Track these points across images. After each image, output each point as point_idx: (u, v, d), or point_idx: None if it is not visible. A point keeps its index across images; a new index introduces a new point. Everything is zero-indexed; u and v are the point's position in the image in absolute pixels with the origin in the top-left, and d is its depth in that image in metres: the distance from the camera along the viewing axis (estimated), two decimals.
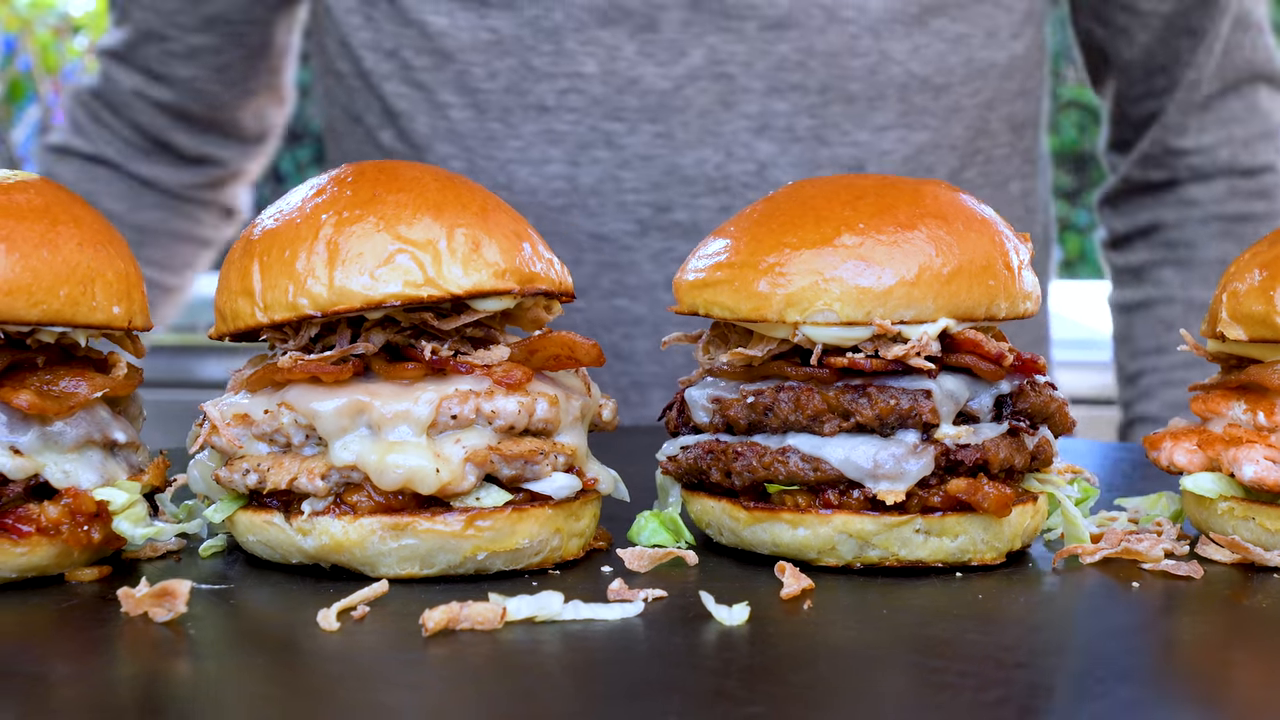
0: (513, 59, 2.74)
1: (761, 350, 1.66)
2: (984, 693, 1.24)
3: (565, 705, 1.23)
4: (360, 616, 1.44)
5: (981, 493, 1.60)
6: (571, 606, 1.45)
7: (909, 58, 2.75)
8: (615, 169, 2.75)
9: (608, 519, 1.77)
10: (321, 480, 1.56)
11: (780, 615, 1.47)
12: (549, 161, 2.76)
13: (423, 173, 1.66)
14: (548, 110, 2.75)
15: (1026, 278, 1.68)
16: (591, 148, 2.75)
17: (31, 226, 1.54)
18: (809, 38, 2.71)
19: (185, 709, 1.22)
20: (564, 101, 2.74)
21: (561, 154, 2.76)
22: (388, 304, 1.56)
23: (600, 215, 2.76)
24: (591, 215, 2.76)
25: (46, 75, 8.50)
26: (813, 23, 2.71)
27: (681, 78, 2.71)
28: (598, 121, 2.74)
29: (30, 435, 1.55)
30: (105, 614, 1.46)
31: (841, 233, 1.62)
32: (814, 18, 2.70)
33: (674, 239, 2.77)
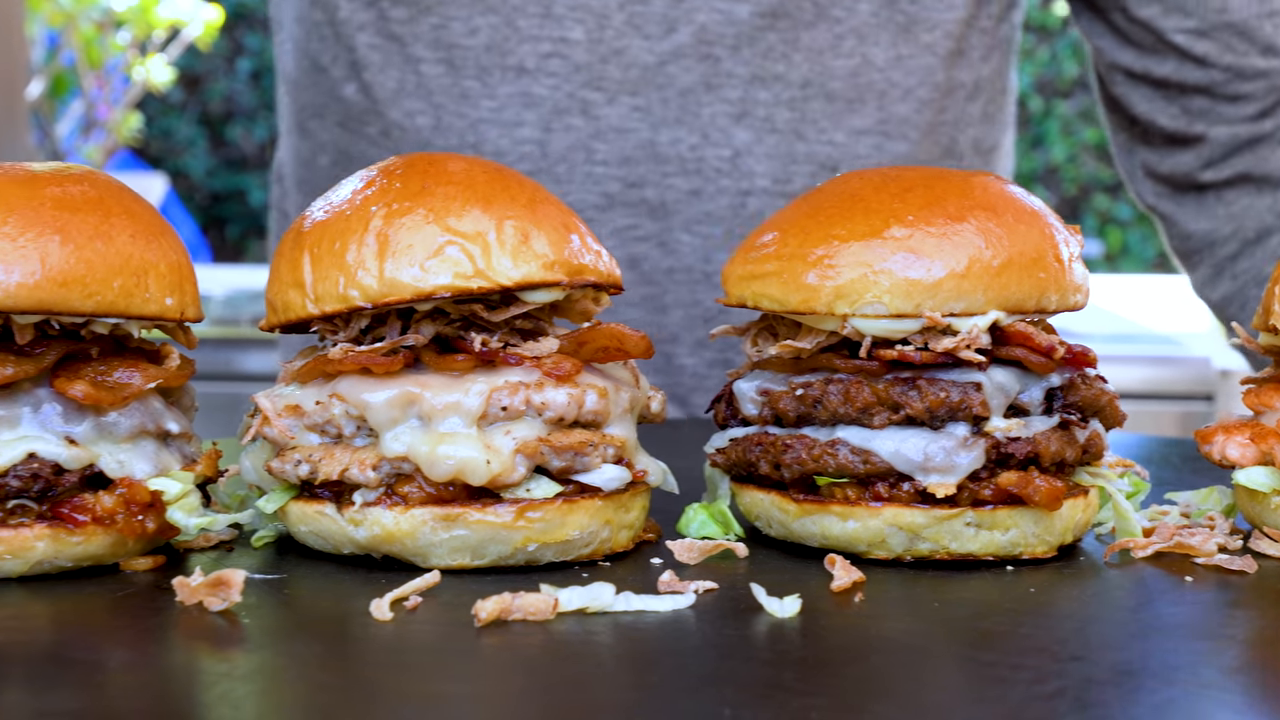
0: (496, 17, 2.71)
1: (810, 342, 1.66)
2: (1039, 686, 1.24)
3: (621, 696, 1.24)
4: (413, 607, 1.44)
5: (1033, 486, 1.60)
6: (623, 598, 1.45)
7: (890, 66, 2.74)
8: (588, 139, 2.72)
9: (656, 511, 1.77)
10: (373, 471, 1.57)
11: (831, 608, 1.47)
12: (521, 125, 2.73)
13: (471, 165, 1.67)
14: (526, 72, 2.71)
15: (1077, 270, 1.67)
16: (567, 114, 2.72)
17: (85, 218, 1.55)
18: (797, 30, 2.70)
19: (241, 697, 1.22)
20: (545, 65, 2.71)
21: (535, 118, 2.72)
22: (437, 295, 1.56)
23: (567, 184, 2.73)
24: (558, 183, 2.73)
25: (89, 70, 8.55)
26: (803, 15, 2.69)
27: (667, 54, 2.69)
28: (576, 89, 2.71)
29: (85, 426, 1.57)
30: (160, 602, 1.47)
31: (891, 225, 1.62)
32: (805, 11, 2.69)
33: (640, 216, 2.74)
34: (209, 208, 13.25)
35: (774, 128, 2.72)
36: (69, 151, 8.58)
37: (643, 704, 1.21)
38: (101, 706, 1.20)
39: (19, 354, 1.54)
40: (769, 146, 2.72)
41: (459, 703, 1.21)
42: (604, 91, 2.70)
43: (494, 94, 2.72)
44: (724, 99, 2.71)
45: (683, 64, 2.69)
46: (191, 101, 13.09)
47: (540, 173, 2.73)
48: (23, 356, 1.54)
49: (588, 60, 2.70)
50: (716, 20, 2.68)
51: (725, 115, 2.71)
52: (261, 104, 13.18)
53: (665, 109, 2.71)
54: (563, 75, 2.70)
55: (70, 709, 1.18)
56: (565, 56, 2.70)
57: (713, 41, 2.69)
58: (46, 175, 1.58)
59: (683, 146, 2.72)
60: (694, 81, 2.70)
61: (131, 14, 8.42)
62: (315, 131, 2.92)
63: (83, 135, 8.67)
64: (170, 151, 13.05)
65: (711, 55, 2.69)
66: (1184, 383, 5.01)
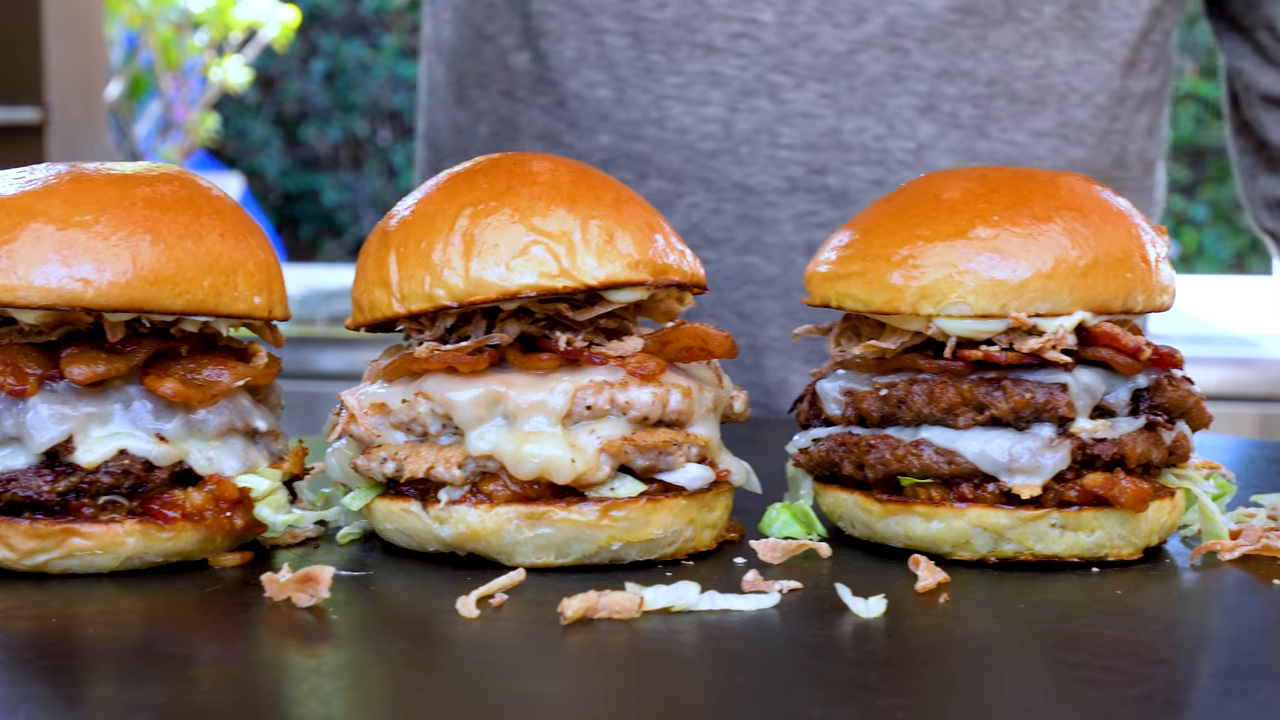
0: None
1: (894, 343, 1.65)
2: (1128, 689, 1.23)
3: (708, 695, 1.24)
4: (498, 605, 1.45)
5: (1119, 487, 1.59)
6: (708, 597, 1.45)
7: (1070, 70, 2.72)
8: (774, 122, 2.69)
9: (738, 511, 1.77)
10: (458, 469, 1.58)
11: (916, 608, 1.46)
12: (707, 103, 2.69)
13: (557, 164, 1.67)
14: (715, 51, 2.67)
15: (1164, 270, 1.66)
16: (754, 96, 2.68)
17: (176, 218, 1.56)
18: (986, 28, 2.68)
19: (330, 693, 1.24)
20: (733, 45, 2.66)
21: (722, 98, 2.68)
22: (523, 295, 1.57)
23: (750, 166, 2.70)
24: (741, 164, 2.70)
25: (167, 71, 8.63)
26: (993, 13, 2.67)
27: (857, 43, 2.66)
28: (764, 71, 2.67)
29: (175, 423, 1.58)
30: (248, 598, 1.49)
31: (976, 225, 1.61)
32: (995, 9, 2.67)
33: (821, 203, 2.72)
34: (282, 207, 13.35)
35: (958, 123, 2.70)
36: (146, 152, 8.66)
37: (730, 703, 1.21)
38: (191, 701, 1.21)
39: (110, 352, 1.56)
40: (952, 141, 2.71)
41: (546, 701, 1.22)
42: (792, 76, 2.67)
43: (680, 70, 2.69)
44: (911, 91, 2.68)
45: (872, 54, 2.67)
46: (266, 102, 13.19)
47: (723, 153, 2.69)
48: (114, 354, 1.56)
49: (777, 43, 2.66)
50: (908, 13, 2.66)
51: (911, 108, 2.69)
52: (335, 104, 13.26)
53: (852, 97, 2.68)
54: (751, 56, 2.66)
55: (160, 703, 1.19)
56: (755, 38, 2.66)
57: (903, 34, 2.66)
58: (138, 175, 1.60)
59: (867, 136, 2.69)
60: (882, 72, 2.67)
61: (209, 15, 8.50)
62: (476, 100, 2.88)
63: (160, 136, 8.75)
64: (245, 152, 13.15)
65: (901, 47, 2.67)
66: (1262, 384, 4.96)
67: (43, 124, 6.02)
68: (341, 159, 13.56)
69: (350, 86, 13.34)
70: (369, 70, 13.33)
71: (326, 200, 13.40)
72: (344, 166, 13.54)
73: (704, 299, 2.68)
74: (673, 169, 2.71)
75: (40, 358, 1.56)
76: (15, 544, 1.53)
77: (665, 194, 2.71)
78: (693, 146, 2.69)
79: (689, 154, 2.69)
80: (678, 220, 2.71)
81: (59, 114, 6.11)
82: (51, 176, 1.57)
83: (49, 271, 1.50)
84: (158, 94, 8.79)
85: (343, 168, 13.53)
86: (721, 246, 2.73)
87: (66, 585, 1.53)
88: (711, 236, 2.71)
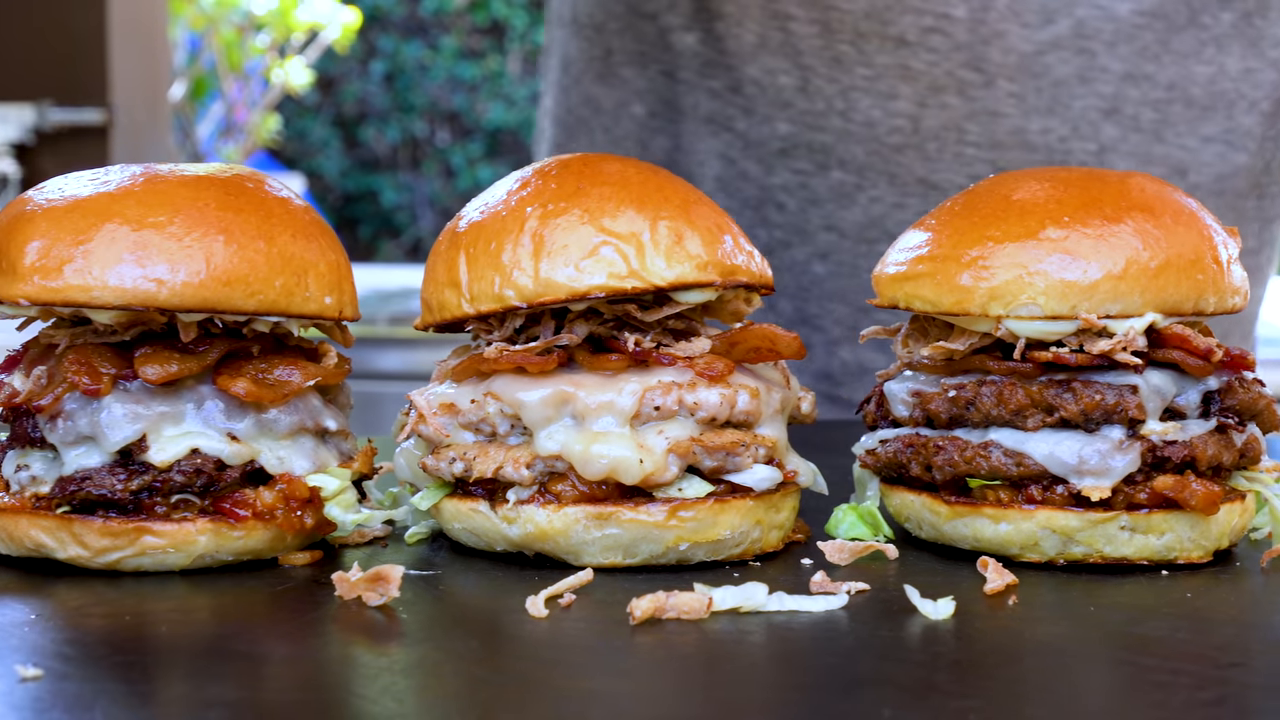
0: None
1: (963, 344, 1.65)
2: (1199, 692, 1.23)
3: (778, 695, 1.24)
4: (567, 604, 1.46)
5: (1189, 490, 1.58)
6: (776, 598, 1.45)
7: (1240, 77, 2.70)
8: (961, 119, 2.67)
9: (805, 512, 1.77)
10: (526, 469, 1.58)
11: (985, 610, 1.46)
12: (896, 97, 2.67)
13: (625, 165, 1.68)
14: (906, 45, 2.64)
15: (1235, 272, 1.65)
16: (943, 92, 2.66)
17: (248, 219, 1.58)
18: (1169, 33, 2.66)
19: (402, 691, 1.24)
20: (925, 40, 2.64)
21: (911, 92, 2.66)
22: (592, 295, 1.58)
23: (936, 163, 2.68)
24: (927, 160, 2.68)
25: (230, 73, 8.69)
26: (1178, 18, 2.66)
27: (1045, 43, 2.64)
28: (955, 68, 2.65)
29: (246, 422, 1.60)
30: (319, 597, 1.50)
31: (1046, 226, 1.61)
32: (1179, 14, 2.66)
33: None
34: (341, 208, 13.41)
35: (1138, 127, 2.69)
36: (208, 153, 8.73)
37: (801, 703, 1.21)
38: (262, 698, 1.22)
39: (183, 352, 1.58)
40: (1131, 145, 2.69)
41: (616, 700, 1.22)
42: (982, 73, 2.65)
43: (870, 63, 2.66)
44: (1096, 93, 2.67)
45: (1059, 55, 2.65)
46: (326, 103, 13.25)
47: (910, 148, 2.68)
48: (187, 354, 1.57)
49: (969, 40, 2.64)
50: (1095, 15, 2.64)
51: (1096, 110, 2.67)
52: (394, 105, 13.31)
53: (1039, 98, 2.66)
54: (942, 52, 2.64)
55: (231, 700, 1.20)
56: (947, 34, 2.64)
57: (1090, 36, 2.65)
58: (211, 176, 1.61)
59: (1052, 137, 2.68)
60: (1069, 73, 2.66)
61: (271, 17, 8.55)
62: (630, 79, 2.85)
63: (222, 137, 8.82)
64: (305, 152, 13.23)
65: (1087, 49, 2.65)
66: None
67: (107, 125, 6.08)
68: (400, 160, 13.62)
69: (409, 88, 13.39)
70: (428, 71, 13.38)
71: (385, 201, 13.46)
72: (403, 167, 13.60)
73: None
74: (856, 161, 2.69)
75: (114, 357, 1.57)
76: (89, 542, 1.55)
77: (846, 186, 2.69)
78: (879, 140, 2.67)
79: (874, 147, 2.67)
80: (856, 214, 2.69)
81: (123, 116, 6.17)
82: (126, 178, 1.59)
83: (124, 272, 1.52)
84: (220, 95, 8.86)
85: (401, 168, 13.59)
86: None
87: (139, 583, 1.54)
88: (891, 231, 2.69)
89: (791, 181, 2.71)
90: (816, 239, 2.73)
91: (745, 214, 2.76)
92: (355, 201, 13.46)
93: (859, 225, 2.68)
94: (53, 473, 1.58)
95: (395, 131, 13.39)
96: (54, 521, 1.55)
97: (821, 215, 2.70)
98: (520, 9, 13.26)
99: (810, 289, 2.76)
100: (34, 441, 1.60)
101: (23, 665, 1.24)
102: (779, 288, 2.74)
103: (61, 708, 1.17)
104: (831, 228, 2.70)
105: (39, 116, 5.95)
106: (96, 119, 6.03)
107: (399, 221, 13.50)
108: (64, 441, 1.57)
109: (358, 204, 13.46)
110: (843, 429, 2.14)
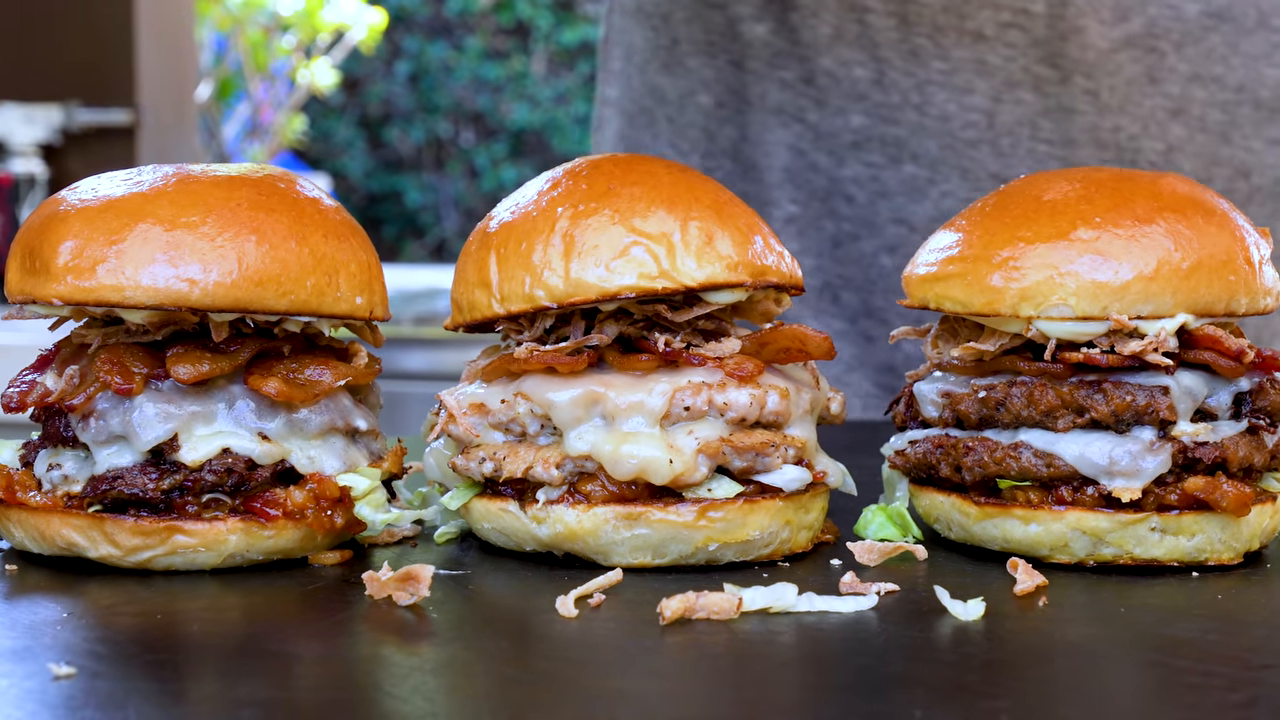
0: None
1: (993, 345, 1.65)
2: (1231, 693, 1.22)
3: (809, 695, 1.24)
4: (596, 604, 1.46)
5: (1220, 491, 1.57)
6: (806, 598, 1.45)
7: None
8: (1036, 115, 2.66)
9: (834, 512, 1.77)
10: (556, 469, 1.59)
11: (1015, 611, 1.46)
12: (971, 92, 2.66)
13: (656, 165, 1.68)
14: (984, 39, 2.63)
15: (1267, 273, 1.64)
16: (1019, 88, 2.65)
17: (280, 219, 1.58)
18: (1238, 35, 2.65)
19: (432, 690, 1.25)
20: (1003, 35, 2.63)
21: (987, 87, 2.65)
22: (622, 296, 1.58)
23: (1009, 158, 2.67)
24: (1000, 156, 2.67)
25: (256, 73, 8.71)
26: (1246, 21, 2.65)
27: (1119, 41, 2.62)
28: (1031, 63, 2.63)
29: (277, 422, 1.60)
30: (349, 596, 1.50)
31: (1077, 226, 1.60)
32: (1248, 16, 2.65)
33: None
34: (366, 208, 13.43)
35: (1205, 127, 2.68)
36: (234, 153, 8.75)
37: (831, 703, 1.21)
38: (292, 697, 1.22)
39: (215, 351, 1.58)
40: (1198, 145, 2.68)
41: (646, 700, 1.22)
42: (1059, 70, 2.63)
43: (947, 56, 2.65)
44: (1164, 93, 2.66)
45: (1131, 53, 2.64)
46: (351, 104, 13.28)
47: (984, 143, 2.67)
48: (218, 354, 1.58)
49: (1047, 35, 2.62)
50: (1166, 15, 2.63)
51: (1164, 110, 2.66)
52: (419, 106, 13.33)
53: (1111, 96, 2.65)
54: (1020, 48, 2.63)
55: (262, 699, 1.20)
56: (1025, 29, 2.63)
57: (1160, 35, 2.64)
58: (243, 177, 1.62)
59: (1121, 135, 2.67)
60: (1139, 72, 2.65)
61: (297, 18, 8.57)
62: (697, 68, 2.83)
63: (248, 138, 8.83)
64: (329, 153, 13.25)
65: (1157, 49, 2.64)
66: None
67: (134, 126, 6.09)
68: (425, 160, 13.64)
69: (434, 88, 13.41)
70: (453, 72, 13.39)
71: (410, 201, 13.47)
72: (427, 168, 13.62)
73: None
74: (929, 155, 2.68)
75: (146, 357, 1.58)
76: (120, 541, 1.55)
77: (918, 180, 2.69)
78: (953, 134, 2.66)
79: (948, 141, 2.66)
80: (927, 207, 2.69)
81: (150, 116, 6.18)
82: (159, 178, 1.60)
83: (156, 272, 1.52)
84: (246, 96, 8.88)
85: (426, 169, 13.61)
86: None
87: (170, 582, 1.55)
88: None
89: (863, 174, 2.70)
90: (885, 232, 2.73)
91: (813, 205, 2.75)
92: (379, 202, 13.48)
93: (929, 219, 2.68)
94: (84, 472, 1.59)
95: (420, 132, 13.39)
96: (86, 520, 1.56)
97: (891, 208, 2.70)
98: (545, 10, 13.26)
99: (877, 282, 2.76)
100: (66, 441, 1.60)
101: (55, 664, 1.24)
102: (845, 279, 2.74)
103: (94, 706, 1.18)
104: (901, 221, 2.69)
105: (66, 117, 5.97)
106: (123, 119, 6.04)
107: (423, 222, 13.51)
108: (96, 441, 1.58)
109: (382, 204, 13.48)
110: (873, 430, 2.13)
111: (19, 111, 5.84)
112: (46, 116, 5.94)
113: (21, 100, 5.91)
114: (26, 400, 1.61)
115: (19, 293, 1.58)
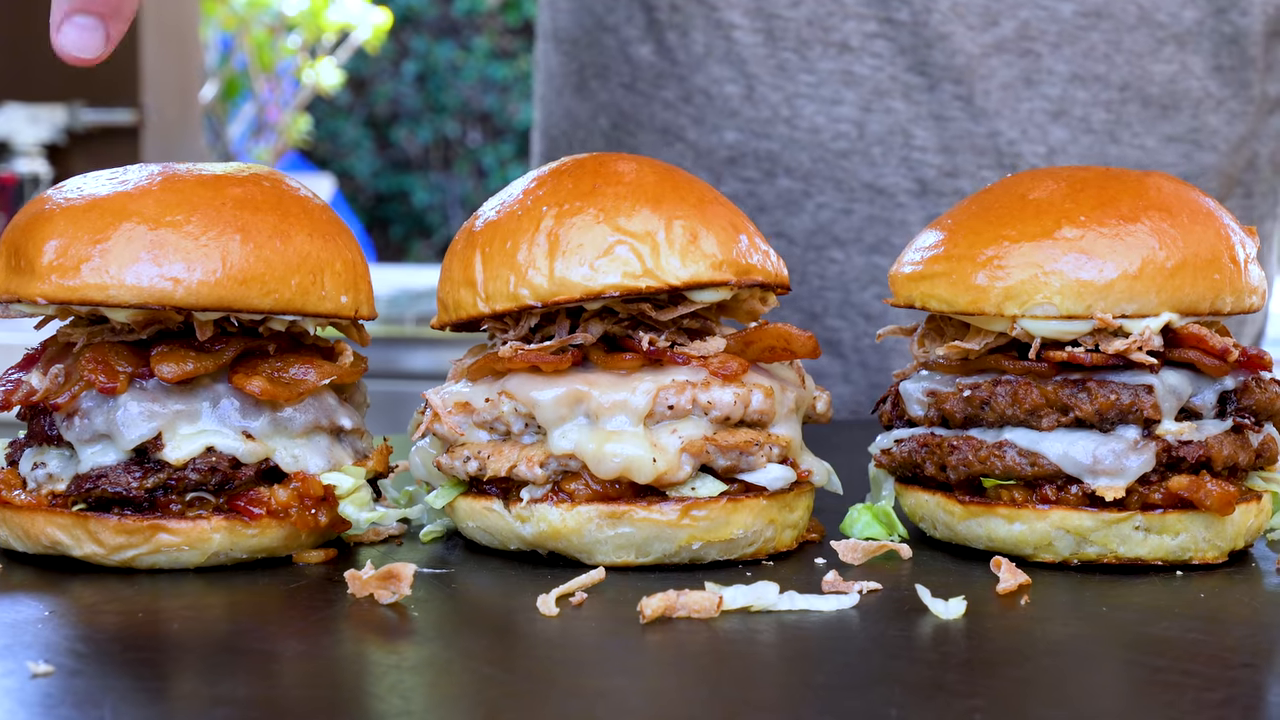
0: None
1: (979, 343, 1.65)
2: (1208, 692, 1.22)
3: (786, 694, 1.24)
4: (578, 603, 1.46)
5: (1204, 490, 1.57)
6: (787, 597, 1.45)
7: (1208, 75, 2.69)
8: (907, 123, 2.67)
9: (819, 511, 1.77)
10: (540, 468, 1.59)
11: (997, 610, 1.46)
12: (840, 103, 2.67)
13: (641, 165, 1.68)
14: (850, 50, 2.64)
15: (1253, 271, 1.64)
16: (887, 97, 2.66)
17: (265, 218, 1.58)
18: (1119, 33, 2.65)
19: (411, 689, 1.25)
20: (869, 45, 2.64)
21: (855, 98, 2.66)
22: (607, 294, 1.58)
23: (882, 167, 2.68)
24: (873, 165, 2.68)
25: (261, 73, 8.72)
26: (1127, 18, 2.65)
27: (989, 46, 2.63)
28: (899, 72, 2.64)
29: (262, 420, 1.60)
30: (332, 594, 1.50)
31: (1062, 225, 1.61)
32: (1129, 13, 2.64)
33: (953, 205, 2.69)
34: (373, 208, 13.45)
35: (1090, 128, 2.68)
36: (239, 153, 8.76)
37: (808, 702, 1.21)
38: (273, 695, 1.22)
39: (199, 350, 1.58)
40: (1083, 147, 2.68)
41: (625, 698, 1.22)
42: (927, 77, 2.65)
43: (813, 69, 2.66)
44: (1043, 95, 2.66)
45: (1004, 57, 2.64)
46: (358, 104, 13.29)
47: (855, 153, 2.68)
48: (203, 353, 1.58)
49: (912, 44, 2.64)
50: (1040, 16, 2.63)
51: (1043, 112, 2.67)
52: (426, 106, 13.35)
53: (986, 100, 2.66)
54: (886, 57, 2.64)
55: (244, 697, 1.20)
56: (891, 38, 2.64)
57: (1034, 37, 2.64)
58: (228, 175, 1.62)
59: (1000, 140, 2.67)
60: (1014, 76, 2.65)
61: (302, 18, 8.58)
62: (596, 92, 2.87)
63: (253, 137, 8.85)
64: (336, 153, 13.27)
65: (1033, 51, 2.64)
66: None
67: (139, 125, 6.11)
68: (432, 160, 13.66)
69: (441, 88, 13.43)
70: (460, 72, 13.41)
71: (417, 201, 13.49)
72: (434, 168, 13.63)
73: (830, 299, 2.67)
74: (802, 168, 2.69)
75: (131, 356, 1.58)
76: (104, 539, 1.56)
77: (793, 193, 2.70)
78: (824, 146, 2.68)
79: (820, 153, 2.67)
80: (805, 220, 2.70)
81: (155, 116, 6.20)
82: (143, 177, 1.60)
83: (140, 271, 1.52)
84: (251, 96, 8.89)
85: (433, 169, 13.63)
86: (849, 247, 2.71)
87: (154, 580, 1.55)
88: (839, 237, 2.69)
89: (740, 190, 2.72)
90: None
91: None
92: (387, 202, 13.50)
93: (807, 232, 2.69)
94: (69, 470, 1.59)
95: (427, 132, 13.42)
96: (70, 519, 1.56)
97: (770, 222, 2.71)
98: None
99: None
100: (51, 439, 1.61)
101: (34, 662, 1.24)
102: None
103: (71, 704, 1.18)
104: (780, 234, 2.71)
105: (71, 117, 5.98)
106: (128, 119, 6.06)
107: (430, 222, 13.53)
108: (80, 439, 1.58)
109: (389, 204, 13.50)
110: (858, 428, 2.13)
111: (23, 111, 5.86)
112: (51, 116, 5.96)
113: (26, 100, 5.92)
114: (11, 399, 1.62)
115: (4, 291, 1.58)
